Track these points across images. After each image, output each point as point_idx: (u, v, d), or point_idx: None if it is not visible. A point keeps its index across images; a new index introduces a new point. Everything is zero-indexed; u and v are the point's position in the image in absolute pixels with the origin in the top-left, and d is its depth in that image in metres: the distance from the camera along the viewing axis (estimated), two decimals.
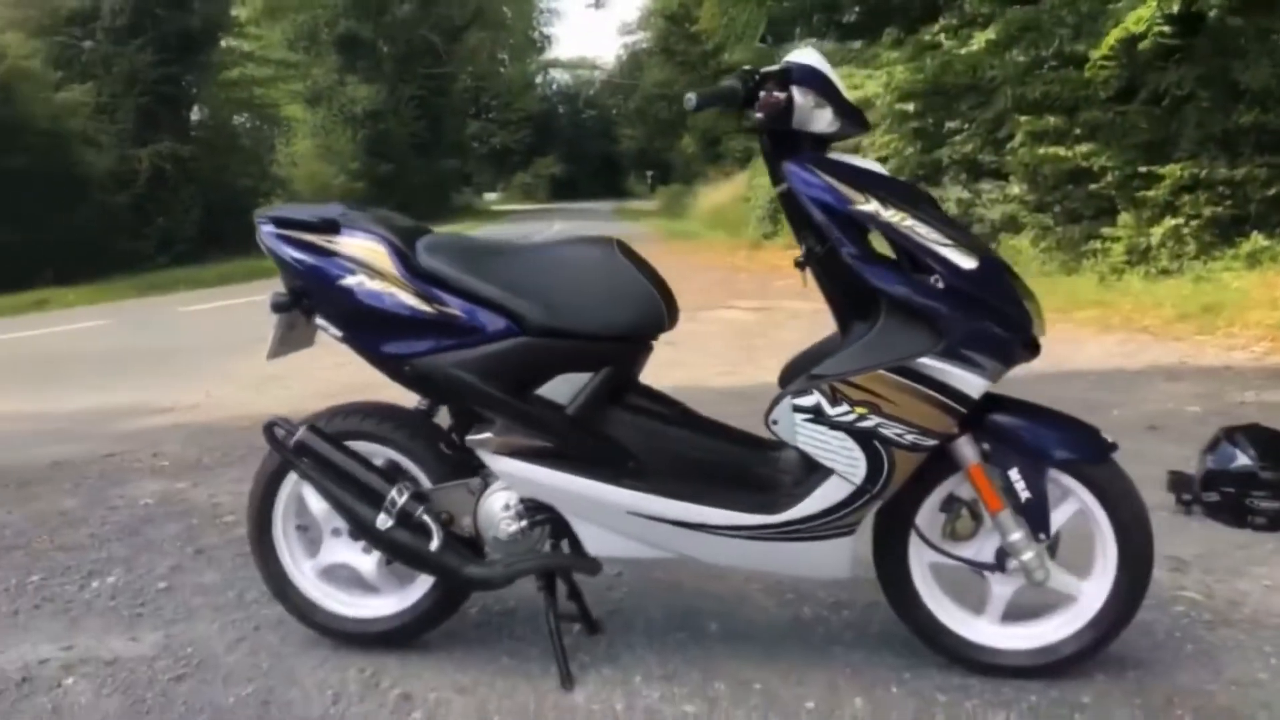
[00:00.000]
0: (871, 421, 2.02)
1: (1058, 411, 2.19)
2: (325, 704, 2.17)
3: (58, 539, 3.24)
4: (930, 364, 2.00)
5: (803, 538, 2.11)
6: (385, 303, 2.16)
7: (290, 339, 2.35)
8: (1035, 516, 2.11)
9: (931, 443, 2.03)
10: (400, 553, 2.24)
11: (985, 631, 2.23)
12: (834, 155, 2.09)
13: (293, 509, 2.40)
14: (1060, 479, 2.13)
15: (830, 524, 2.09)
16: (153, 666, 2.35)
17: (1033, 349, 2.08)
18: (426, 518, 2.20)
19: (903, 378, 2.00)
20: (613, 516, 2.17)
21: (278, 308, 2.24)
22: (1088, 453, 2.11)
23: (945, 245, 2.00)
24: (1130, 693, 2.14)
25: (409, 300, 2.15)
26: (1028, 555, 2.12)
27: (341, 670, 2.31)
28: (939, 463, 2.12)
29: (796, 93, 2.01)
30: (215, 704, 2.18)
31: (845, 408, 2.02)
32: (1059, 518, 2.16)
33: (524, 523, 2.22)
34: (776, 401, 2.08)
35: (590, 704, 2.15)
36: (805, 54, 2.08)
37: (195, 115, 23.28)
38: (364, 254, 2.19)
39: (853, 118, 2.08)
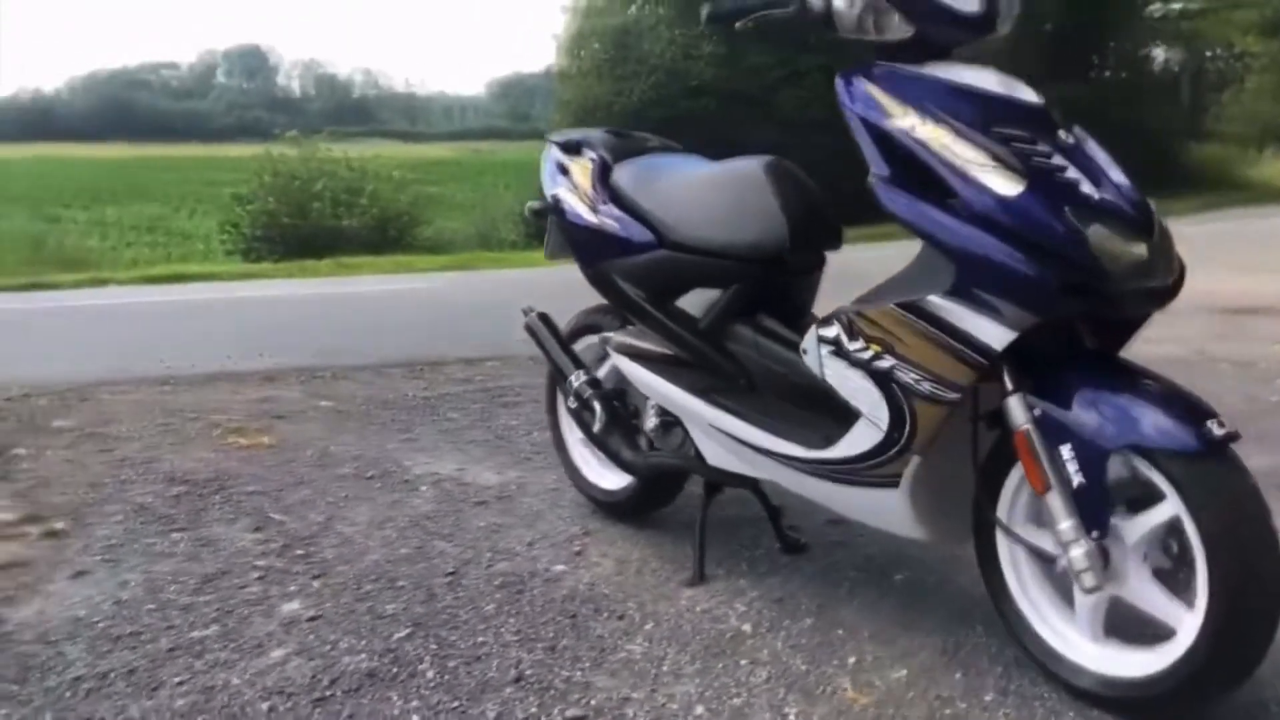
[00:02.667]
0: (886, 362, 1.83)
1: (1164, 381, 1.72)
2: (524, 542, 2.64)
3: None
4: (939, 303, 1.74)
5: (846, 481, 2.00)
6: (575, 215, 2.50)
7: None
8: (1089, 508, 1.70)
9: (952, 395, 1.77)
10: (583, 429, 2.59)
11: (1075, 644, 1.85)
12: (924, 66, 1.85)
13: None
14: (1150, 472, 1.67)
15: (866, 471, 1.94)
16: (480, 492, 3.02)
17: (1103, 299, 1.66)
18: (595, 402, 2.51)
19: (913, 316, 1.78)
20: (702, 427, 2.26)
21: (533, 214, 2.70)
22: (1174, 440, 1.63)
23: (983, 167, 1.71)
24: None
25: (585, 212, 2.46)
26: (1076, 552, 1.72)
27: (569, 523, 2.74)
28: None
29: None
30: (467, 524, 2.77)
31: (861, 344, 1.86)
32: (1145, 521, 1.70)
33: (656, 421, 2.41)
34: (808, 330, 1.98)
35: (685, 598, 2.29)
36: None
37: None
38: (578, 172, 2.54)
39: (945, 19, 1.83)
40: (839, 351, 1.90)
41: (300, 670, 2.02)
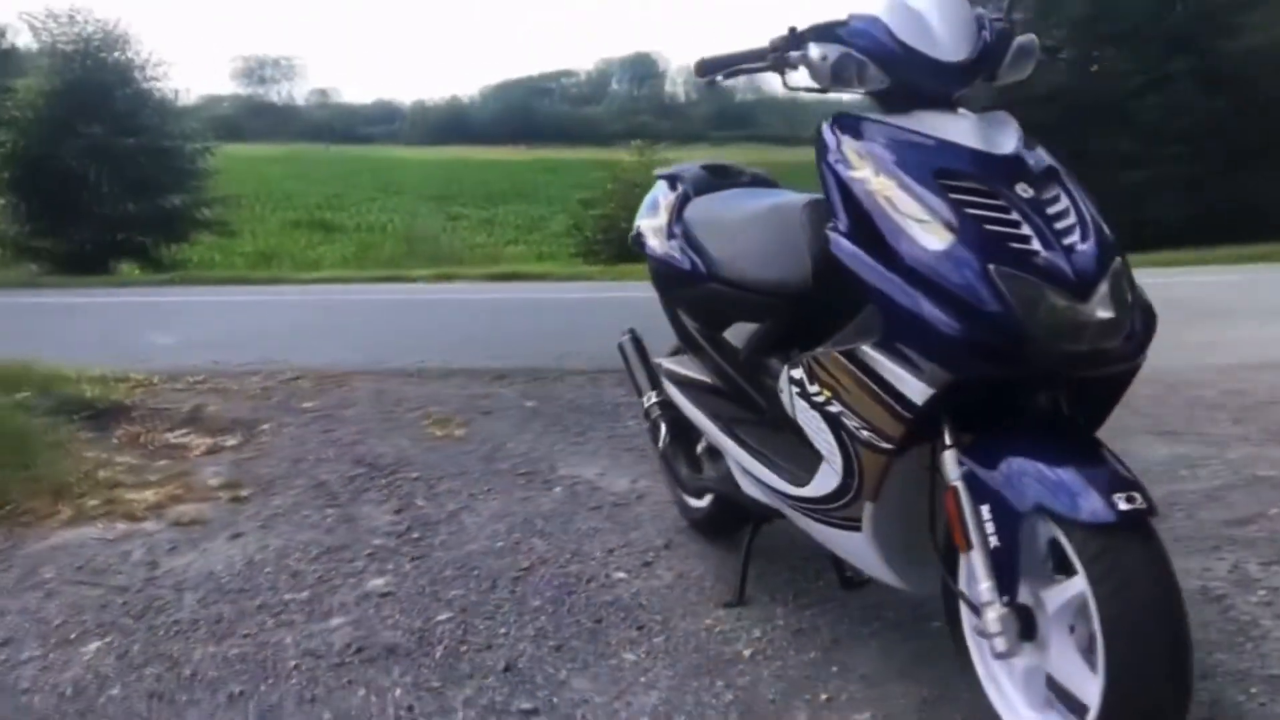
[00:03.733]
0: (835, 408, 1.86)
1: (1101, 451, 1.65)
2: (606, 548, 2.81)
3: None
4: (869, 353, 1.76)
5: (819, 520, 2.02)
6: (650, 246, 2.64)
7: None
8: (1003, 571, 1.66)
9: (886, 445, 1.77)
10: (652, 446, 2.72)
11: (1016, 710, 1.78)
12: (908, 116, 1.83)
13: None
14: (1064, 540, 1.61)
15: (831, 513, 1.97)
16: (604, 497, 3.22)
17: (1025, 360, 1.61)
18: (662, 423, 2.63)
19: (852, 364, 1.80)
20: (724, 455, 2.33)
21: (631, 242, 2.85)
22: (1082, 510, 1.55)
23: (916, 220, 1.71)
24: None
25: (657, 243, 2.60)
26: (989, 615, 1.67)
27: (658, 535, 2.89)
28: None
29: (813, 49, 1.89)
30: (571, 526, 2.98)
31: (817, 387, 1.89)
32: (1062, 591, 1.63)
33: (705, 445, 2.50)
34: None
35: (711, 618, 2.39)
36: (879, 5, 1.89)
37: None
38: (664, 205, 2.68)
39: (925, 68, 1.81)
40: (803, 394, 1.94)
41: (342, 637, 2.32)
